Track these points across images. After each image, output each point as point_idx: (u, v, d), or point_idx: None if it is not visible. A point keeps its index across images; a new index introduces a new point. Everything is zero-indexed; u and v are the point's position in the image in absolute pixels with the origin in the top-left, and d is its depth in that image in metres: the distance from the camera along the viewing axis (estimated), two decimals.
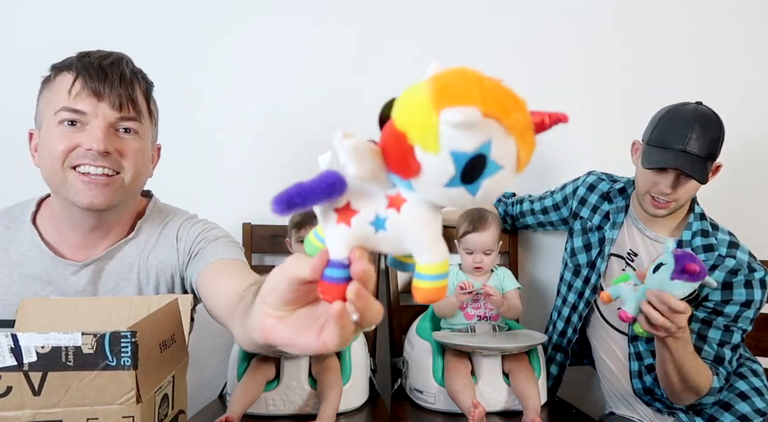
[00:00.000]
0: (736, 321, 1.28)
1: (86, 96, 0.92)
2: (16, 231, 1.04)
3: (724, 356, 1.28)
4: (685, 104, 1.31)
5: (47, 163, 0.94)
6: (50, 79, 0.98)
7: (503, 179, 0.41)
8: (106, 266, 1.04)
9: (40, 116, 0.98)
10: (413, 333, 1.56)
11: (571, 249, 1.53)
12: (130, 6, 1.67)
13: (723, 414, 1.31)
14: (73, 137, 0.92)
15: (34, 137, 1.01)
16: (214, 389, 1.56)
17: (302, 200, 0.43)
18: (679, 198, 1.29)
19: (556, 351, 1.56)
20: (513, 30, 1.77)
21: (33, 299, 0.88)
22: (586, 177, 1.56)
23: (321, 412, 1.25)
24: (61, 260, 1.01)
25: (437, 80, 0.41)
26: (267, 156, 1.73)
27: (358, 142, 0.42)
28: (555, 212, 1.62)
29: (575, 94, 1.78)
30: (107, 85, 0.93)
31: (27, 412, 0.61)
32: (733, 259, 1.29)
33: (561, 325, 1.54)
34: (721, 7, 1.79)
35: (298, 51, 1.73)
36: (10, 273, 1.00)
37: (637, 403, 1.42)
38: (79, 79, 0.92)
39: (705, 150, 1.24)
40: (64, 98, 0.92)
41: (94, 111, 0.93)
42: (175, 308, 0.76)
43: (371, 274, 0.43)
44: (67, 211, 1.00)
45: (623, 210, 1.44)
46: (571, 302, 1.51)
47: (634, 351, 1.38)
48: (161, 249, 1.08)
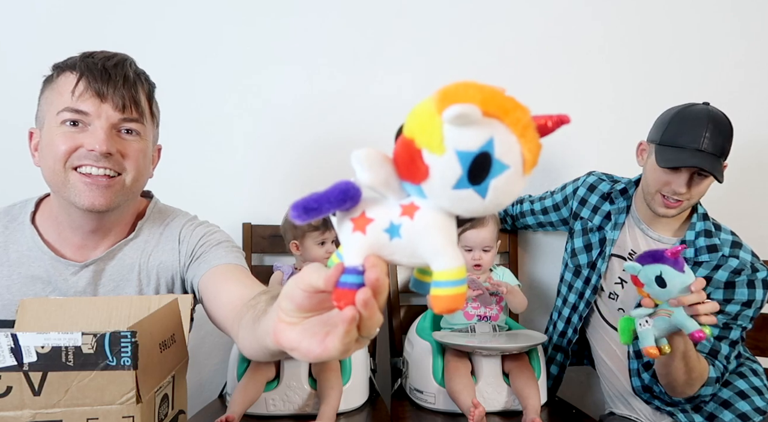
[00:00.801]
0: (736, 319, 1.29)
1: (89, 97, 0.92)
2: (16, 231, 1.04)
3: (719, 349, 1.28)
4: (694, 105, 1.31)
5: (48, 163, 0.94)
6: (52, 79, 0.97)
7: (511, 180, 0.42)
8: (107, 267, 1.04)
9: (41, 115, 0.98)
10: (413, 333, 1.56)
11: (572, 250, 1.53)
12: (131, 5, 1.67)
13: (723, 412, 1.31)
14: (76, 137, 0.92)
15: (34, 136, 1.01)
16: (214, 389, 1.56)
17: (318, 206, 0.45)
18: (692, 197, 1.30)
19: (556, 351, 1.57)
20: (511, 32, 1.77)
21: (33, 299, 0.88)
22: (587, 178, 1.56)
23: (321, 412, 1.26)
24: (61, 260, 1.01)
25: (442, 90, 0.43)
26: (267, 156, 1.73)
27: (370, 151, 0.44)
28: (555, 212, 1.62)
29: (575, 95, 1.78)
30: (111, 87, 0.93)
31: (27, 412, 0.61)
32: (736, 259, 1.30)
33: (561, 325, 1.54)
34: (723, 6, 1.80)
35: (298, 51, 1.73)
36: (10, 273, 1.00)
37: (637, 402, 1.42)
38: (82, 80, 0.92)
39: (719, 149, 1.25)
40: (67, 99, 0.92)
41: (97, 112, 0.93)
42: (175, 308, 0.76)
43: (384, 285, 0.43)
44: (66, 212, 1.00)
45: (625, 211, 1.44)
46: (572, 302, 1.51)
47: (633, 350, 1.38)
48: (162, 250, 1.08)
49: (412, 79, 1.76)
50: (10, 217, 1.05)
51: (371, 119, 1.75)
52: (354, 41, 1.74)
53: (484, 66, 1.76)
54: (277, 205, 1.67)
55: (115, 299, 0.88)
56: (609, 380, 1.48)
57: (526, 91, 1.88)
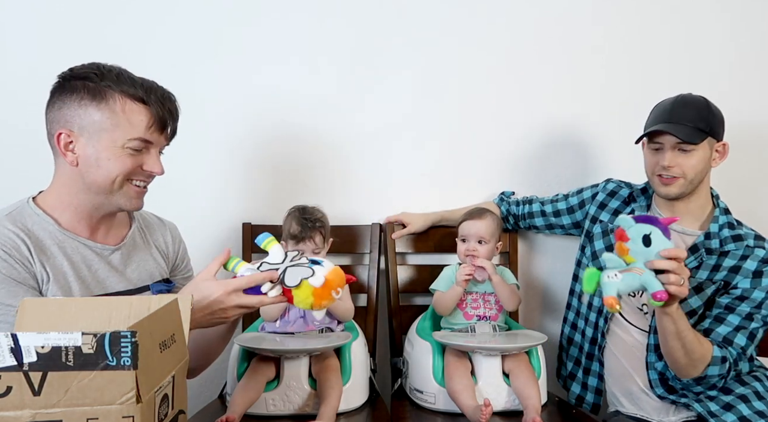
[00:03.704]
0: (760, 308, 1.30)
1: (156, 130, 1.08)
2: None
3: (733, 338, 1.29)
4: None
5: (106, 173, 1.06)
6: (105, 97, 1.04)
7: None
8: (131, 252, 1.19)
9: (88, 125, 1.04)
10: (413, 333, 1.56)
11: (592, 253, 1.53)
12: (131, 5, 1.67)
13: (740, 404, 1.31)
14: (137, 159, 1.08)
15: (71, 139, 1.04)
16: (214, 389, 1.57)
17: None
18: (686, 173, 1.33)
19: (591, 361, 1.54)
20: (512, 32, 1.77)
21: (33, 299, 0.88)
22: (606, 184, 1.58)
23: (321, 412, 1.25)
24: (96, 244, 1.12)
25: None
26: (267, 156, 1.73)
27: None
28: (568, 215, 1.64)
29: (574, 95, 1.78)
30: (170, 124, 1.11)
31: (27, 412, 0.61)
32: (762, 249, 1.33)
33: (591, 332, 1.52)
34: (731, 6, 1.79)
35: (298, 51, 1.73)
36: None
37: (645, 398, 1.41)
38: (155, 117, 1.07)
39: (690, 119, 1.32)
40: (140, 130, 1.06)
41: (157, 141, 1.10)
42: (175, 308, 0.76)
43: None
44: (92, 206, 1.09)
45: (645, 209, 1.47)
46: (597, 306, 1.50)
47: (653, 343, 1.38)
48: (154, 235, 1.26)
49: (412, 78, 1.76)
50: (18, 220, 1.05)
51: (372, 119, 1.75)
52: (354, 41, 1.74)
53: (485, 66, 1.77)
54: (276, 205, 1.67)
55: (116, 300, 0.88)
56: (618, 379, 1.47)
57: (526, 91, 1.88)
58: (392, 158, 1.77)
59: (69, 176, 1.07)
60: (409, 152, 1.77)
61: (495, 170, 1.79)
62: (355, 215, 1.75)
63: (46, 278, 1.03)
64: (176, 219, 1.34)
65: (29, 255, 1.02)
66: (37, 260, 1.02)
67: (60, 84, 1.06)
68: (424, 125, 1.77)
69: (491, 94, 1.77)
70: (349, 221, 1.73)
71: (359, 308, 1.67)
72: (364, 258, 1.73)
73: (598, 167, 1.69)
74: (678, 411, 1.38)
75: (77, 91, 1.04)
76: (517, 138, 1.79)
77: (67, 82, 1.05)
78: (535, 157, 1.79)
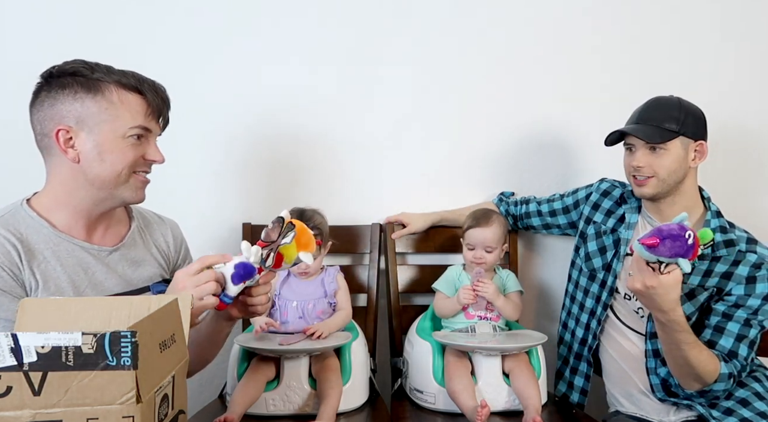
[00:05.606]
0: (756, 314, 1.30)
1: (153, 117, 1.10)
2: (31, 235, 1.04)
3: (738, 350, 1.29)
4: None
5: (112, 166, 1.06)
6: (100, 89, 1.03)
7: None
8: (130, 252, 1.17)
9: (89, 118, 1.03)
10: (413, 333, 1.56)
11: (586, 254, 1.53)
12: (131, 5, 1.67)
13: (741, 409, 1.30)
14: (138, 148, 1.09)
15: (71, 134, 1.03)
16: (214, 389, 1.57)
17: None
18: (657, 172, 1.34)
19: (578, 361, 1.54)
20: (511, 32, 1.77)
21: (33, 300, 0.88)
22: (600, 184, 1.58)
23: (321, 412, 1.26)
24: (92, 246, 1.10)
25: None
26: (268, 156, 1.74)
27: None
28: (564, 215, 1.64)
29: (574, 95, 1.78)
30: (165, 111, 1.13)
31: (27, 412, 0.60)
32: (754, 254, 1.32)
33: (581, 333, 1.52)
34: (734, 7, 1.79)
35: (297, 51, 1.73)
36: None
37: (645, 399, 1.41)
38: (152, 105, 1.09)
39: (659, 120, 1.33)
40: (140, 118, 1.07)
41: (155, 129, 1.11)
42: (175, 308, 0.76)
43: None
44: (93, 203, 1.08)
45: (636, 210, 1.46)
46: (589, 307, 1.50)
47: (651, 348, 1.38)
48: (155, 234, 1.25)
49: (412, 78, 1.76)
50: (11, 224, 1.04)
51: (372, 119, 1.76)
52: (354, 41, 1.74)
53: (485, 66, 1.77)
54: (277, 205, 1.67)
55: (116, 300, 0.88)
56: (617, 381, 1.47)
57: (526, 92, 1.88)
58: (392, 158, 1.77)
59: (68, 174, 1.05)
60: (409, 151, 1.77)
61: (494, 171, 1.79)
62: (355, 215, 1.75)
63: (35, 286, 1.01)
64: (176, 219, 1.33)
65: (19, 262, 1.00)
66: (27, 266, 1.00)
67: (46, 82, 1.04)
68: (424, 125, 1.77)
69: (491, 95, 1.77)
70: (349, 221, 1.73)
71: (359, 308, 1.67)
72: (364, 258, 1.73)
73: (598, 167, 1.68)
74: (679, 411, 1.38)
75: (69, 86, 1.02)
76: (517, 138, 1.79)
77: (54, 79, 1.03)
78: (535, 157, 1.79)
